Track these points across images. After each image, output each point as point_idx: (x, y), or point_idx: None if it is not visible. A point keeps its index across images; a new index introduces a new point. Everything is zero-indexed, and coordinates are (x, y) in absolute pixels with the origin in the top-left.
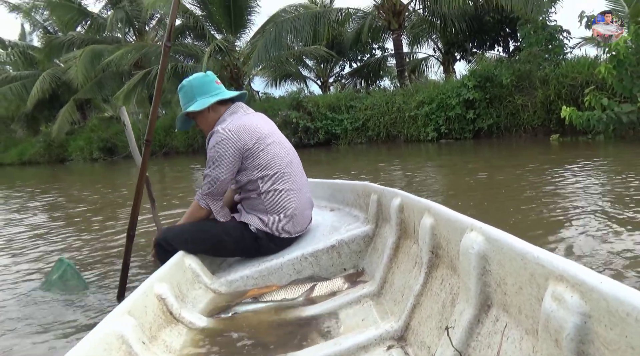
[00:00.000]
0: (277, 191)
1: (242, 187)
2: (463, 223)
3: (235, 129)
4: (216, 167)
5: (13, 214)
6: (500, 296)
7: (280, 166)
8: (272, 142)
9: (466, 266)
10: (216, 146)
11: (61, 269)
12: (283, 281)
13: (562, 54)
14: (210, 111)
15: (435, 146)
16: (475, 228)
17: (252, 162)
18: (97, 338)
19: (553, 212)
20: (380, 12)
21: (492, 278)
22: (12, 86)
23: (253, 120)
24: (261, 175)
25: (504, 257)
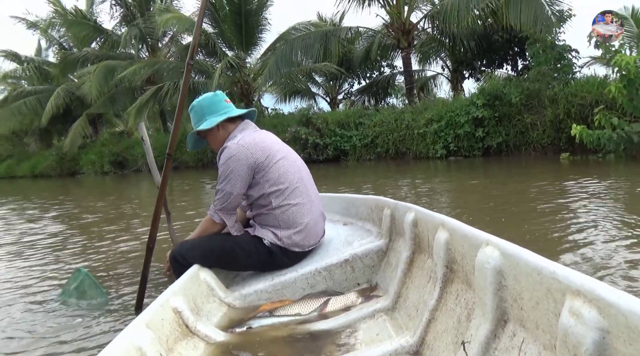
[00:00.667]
0: (289, 205)
1: (254, 203)
2: (478, 237)
3: (247, 144)
4: (228, 182)
5: (29, 225)
6: (517, 311)
7: (292, 180)
8: (282, 157)
9: (482, 281)
10: (228, 161)
11: (79, 279)
12: (297, 296)
13: (571, 73)
14: (219, 128)
15: (444, 163)
16: (490, 243)
17: (264, 177)
18: (116, 351)
19: (567, 228)
20: (389, 31)
21: (508, 293)
22: (26, 100)
23: (263, 136)
24: (273, 190)
25: (520, 272)
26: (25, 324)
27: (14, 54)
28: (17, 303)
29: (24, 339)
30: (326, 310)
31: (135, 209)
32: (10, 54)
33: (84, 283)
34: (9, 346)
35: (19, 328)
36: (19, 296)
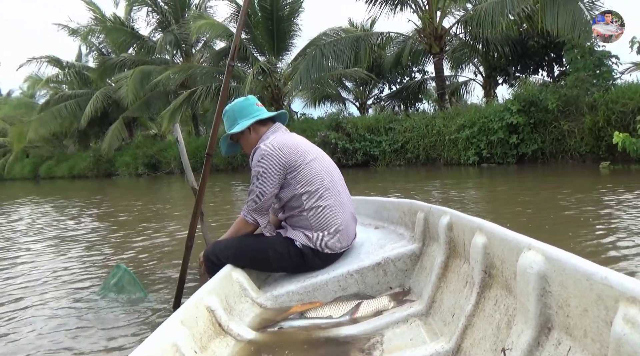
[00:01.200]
0: (321, 207)
1: (286, 205)
2: (520, 242)
3: (278, 144)
4: (261, 182)
5: (70, 222)
6: (563, 318)
7: (323, 182)
8: (314, 158)
9: (524, 287)
10: (260, 161)
11: (118, 275)
12: (328, 298)
13: (611, 80)
14: (251, 131)
15: (476, 169)
16: (533, 247)
17: (295, 177)
18: (153, 346)
19: (613, 237)
20: (421, 36)
21: (552, 300)
22: (67, 103)
23: (294, 138)
24: (304, 191)
25: (566, 278)
26: (64, 319)
27: (56, 59)
28: (58, 297)
29: (61, 334)
30: (358, 314)
31: (169, 209)
32: (53, 60)
33: (123, 279)
34: (50, 338)
35: (59, 321)
36: (61, 290)
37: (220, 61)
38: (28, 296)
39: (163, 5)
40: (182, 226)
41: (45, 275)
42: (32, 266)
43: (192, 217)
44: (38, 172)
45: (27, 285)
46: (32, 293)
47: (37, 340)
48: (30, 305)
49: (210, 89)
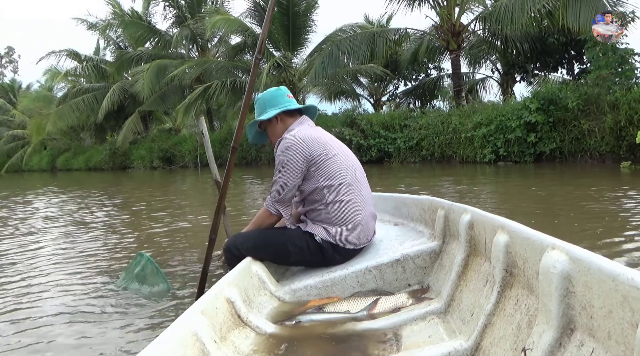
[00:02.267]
0: (342, 202)
1: (307, 198)
2: (543, 241)
3: (303, 136)
4: (285, 172)
5: (89, 212)
6: (586, 319)
7: (345, 176)
8: (337, 153)
9: (546, 287)
10: (285, 152)
11: (141, 264)
12: (346, 293)
13: (634, 78)
14: (278, 121)
15: (493, 168)
16: (557, 247)
17: (318, 170)
18: (174, 335)
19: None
20: (439, 33)
21: (576, 300)
22: (84, 97)
23: (319, 132)
24: (327, 184)
25: (590, 278)
26: (86, 308)
27: (74, 53)
28: (80, 287)
29: (83, 323)
30: (375, 310)
31: (188, 201)
32: (71, 53)
33: (146, 269)
34: (71, 328)
35: (81, 311)
36: (83, 279)
37: (236, 55)
38: (49, 286)
39: (180, 0)
40: (201, 218)
41: (67, 264)
42: (53, 255)
43: (216, 210)
44: (55, 164)
45: (48, 274)
46: (53, 282)
47: (58, 330)
48: (51, 296)
49: (226, 84)
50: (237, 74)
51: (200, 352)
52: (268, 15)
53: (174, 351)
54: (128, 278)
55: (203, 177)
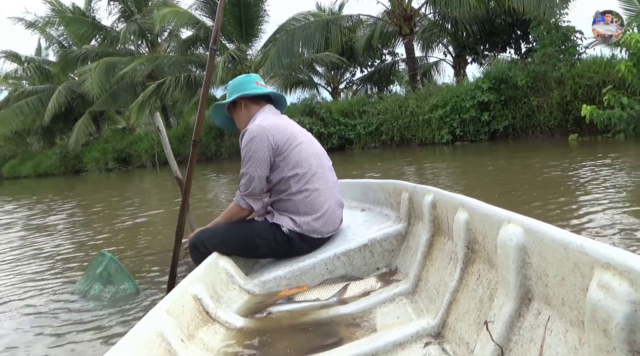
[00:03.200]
0: (308, 191)
1: (273, 188)
2: (500, 215)
3: (267, 126)
4: (251, 164)
5: (43, 216)
6: (542, 288)
7: (311, 165)
8: (302, 141)
9: (504, 260)
10: (249, 143)
11: (103, 264)
12: (316, 281)
13: (576, 54)
14: (242, 107)
15: (450, 148)
16: (512, 220)
17: (284, 160)
18: (138, 336)
19: (587, 205)
20: (391, 18)
21: (532, 271)
22: (28, 100)
23: (284, 120)
24: (292, 174)
25: (544, 248)
26: (46, 314)
27: (14, 54)
28: (38, 293)
29: (46, 328)
30: (345, 295)
31: (148, 200)
32: (10, 55)
33: (109, 268)
34: (31, 339)
35: (40, 319)
36: (39, 284)
37: (188, 49)
38: (2, 295)
39: None
40: (162, 215)
41: (20, 268)
42: (3, 260)
43: (181, 207)
44: (0, 172)
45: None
46: (6, 291)
47: (10, 338)
48: (6, 306)
49: (180, 79)
50: (190, 69)
51: (166, 352)
52: (221, 4)
53: (137, 353)
54: (89, 280)
55: (162, 175)
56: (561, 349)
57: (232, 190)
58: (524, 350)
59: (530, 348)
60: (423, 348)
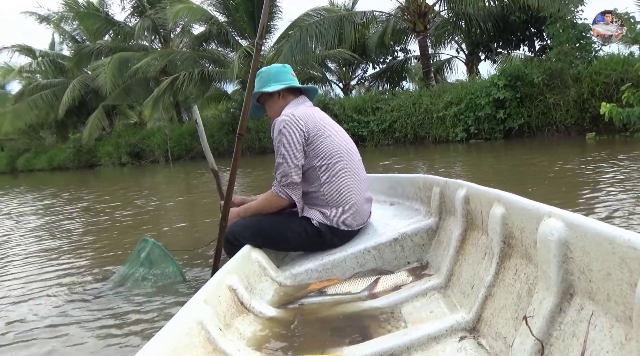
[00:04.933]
0: (337, 182)
1: (302, 179)
2: (539, 210)
3: (299, 114)
4: (286, 152)
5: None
6: (585, 283)
7: (341, 157)
8: (333, 133)
9: (545, 255)
10: (281, 131)
11: (146, 250)
12: (346, 274)
13: (593, 52)
14: (280, 96)
15: (465, 146)
16: (553, 215)
17: (313, 150)
18: (179, 325)
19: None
20: (405, 14)
21: (574, 266)
22: (42, 93)
23: (315, 111)
24: (321, 164)
25: (588, 243)
26: (95, 299)
27: (27, 48)
28: (83, 279)
29: (89, 314)
30: (376, 289)
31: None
32: (24, 49)
33: (154, 253)
34: (72, 323)
35: (83, 305)
36: (81, 270)
37: (200, 45)
38: (52, 280)
39: None
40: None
41: (66, 258)
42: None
43: (225, 198)
44: (16, 166)
45: (50, 269)
46: (55, 277)
47: (60, 327)
48: (54, 292)
49: (193, 75)
50: (204, 64)
51: (206, 340)
52: (267, 1)
53: (180, 340)
54: (134, 265)
55: (175, 171)
56: (606, 344)
57: (245, 183)
58: (565, 345)
59: (573, 343)
60: (458, 342)
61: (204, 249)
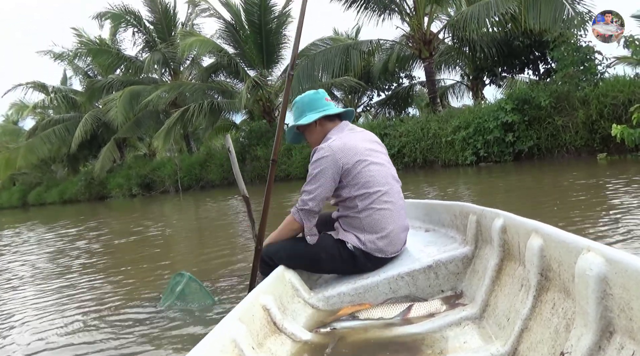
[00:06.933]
0: (375, 210)
1: (341, 203)
2: (578, 243)
3: (337, 147)
4: (316, 183)
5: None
6: (625, 321)
7: (380, 185)
8: (372, 161)
9: (583, 290)
10: (317, 161)
11: (182, 283)
12: (379, 300)
13: (598, 74)
14: (317, 125)
15: (475, 169)
16: (592, 249)
17: (352, 180)
18: (214, 341)
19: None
20: (410, 42)
21: (614, 302)
22: (55, 128)
23: (357, 138)
24: (360, 193)
25: (628, 280)
26: (128, 328)
27: (41, 84)
28: (118, 310)
29: (125, 340)
30: (409, 316)
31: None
32: (38, 85)
33: (190, 287)
34: (109, 348)
35: (118, 332)
36: (120, 302)
37: (209, 77)
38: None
39: (149, 25)
40: (222, 237)
41: (101, 290)
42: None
43: (261, 223)
44: (27, 200)
45: (87, 300)
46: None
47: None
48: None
49: (203, 106)
50: (213, 96)
51: None
52: (298, 30)
53: None
54: (170, 298)
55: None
56: None
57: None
58: None
59: None
60: None
61: (236, 280)
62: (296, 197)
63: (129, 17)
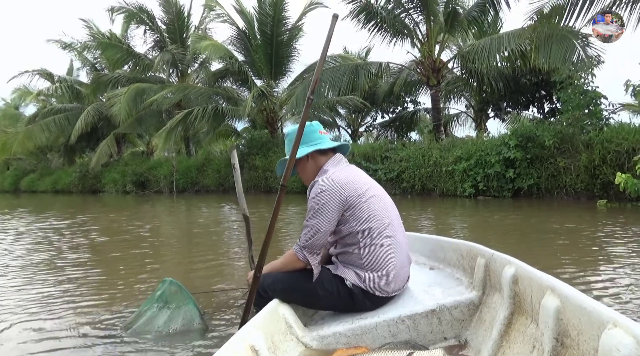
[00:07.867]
0: (376, 246)
1: (340, 240)
2: (602, 314)
3: (338, 179)
4: (317, 217)
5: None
6: None
7: (381, 220)
8: (373, 195)
9: None
10: (318, 195)
11: (163, 287)
12: (376, 343)
13: (603, 119)
14: (309, 159)
15: (472, 202)
16: (619, 325)
17: (354, 214)
18: None
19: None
20: (419, 68)
21: None
22: (56, 117)
23: (355, 172)
24: (362, 228)
25: None
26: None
27: (48, 73)
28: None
29: None
30: None
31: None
32: (45, 73)
33: (170, 289)
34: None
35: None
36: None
37: (216, 82)
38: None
39: (161, 25)
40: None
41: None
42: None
43: (262, 249)
44: (19, 185)
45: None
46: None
47: None
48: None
49: (207, 110)
50: (217, 101)
51: None
52: (323, 54)
53: None
54: (150, 302)
55: (181, 203)
56: None
57: None
58: None
59: None
60: None
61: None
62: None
63: (143, 16)
